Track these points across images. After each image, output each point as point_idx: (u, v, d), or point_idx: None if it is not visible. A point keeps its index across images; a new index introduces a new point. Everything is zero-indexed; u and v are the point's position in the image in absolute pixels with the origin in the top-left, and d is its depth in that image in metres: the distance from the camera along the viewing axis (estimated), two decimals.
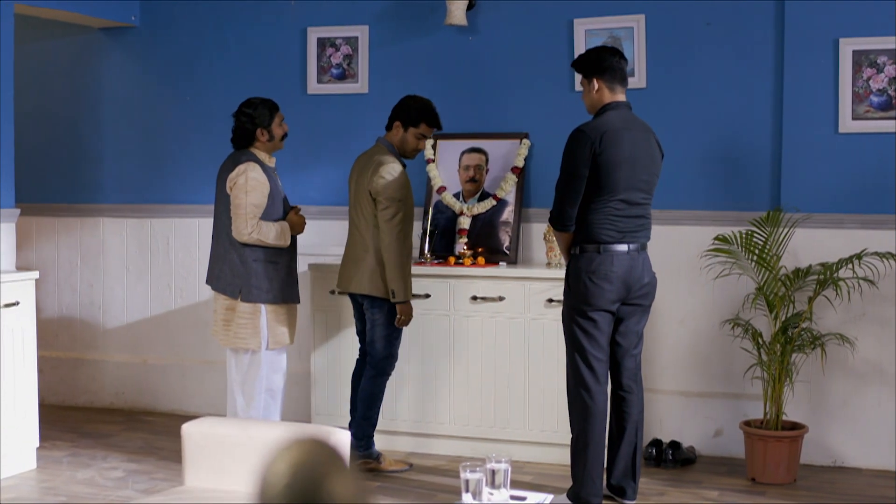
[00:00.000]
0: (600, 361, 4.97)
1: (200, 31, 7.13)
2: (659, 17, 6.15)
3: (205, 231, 7.09)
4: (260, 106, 5.60)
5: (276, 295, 5.54)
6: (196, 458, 3.67)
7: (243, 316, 5.53)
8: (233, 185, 5.47)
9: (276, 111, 5.64)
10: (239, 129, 5.60)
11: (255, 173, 5.46)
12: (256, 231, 5.43)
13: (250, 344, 5.53)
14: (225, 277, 5.58)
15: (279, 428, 3.72)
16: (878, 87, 5.76)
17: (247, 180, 5.43)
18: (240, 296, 5.50)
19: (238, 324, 5.53)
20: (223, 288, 5.59)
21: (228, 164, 5.59)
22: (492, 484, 2.96)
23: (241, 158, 5.54)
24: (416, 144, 5.65)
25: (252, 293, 5.50)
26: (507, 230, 6.35)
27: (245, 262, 5.50)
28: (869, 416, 5.86)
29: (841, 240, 5.82)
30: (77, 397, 7.45)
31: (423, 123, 5.61)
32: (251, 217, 5.42)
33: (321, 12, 6.85)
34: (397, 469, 5.75)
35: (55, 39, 7.45)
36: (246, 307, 5.51)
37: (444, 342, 6.04)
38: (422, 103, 5.64)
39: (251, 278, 5.50)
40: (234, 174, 5.47)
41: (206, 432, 3.68)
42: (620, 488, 5.15)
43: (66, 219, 7.46)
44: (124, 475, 5.71)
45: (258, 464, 1.70)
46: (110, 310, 7.39)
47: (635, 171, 4.92)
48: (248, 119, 5.56)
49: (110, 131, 7.38)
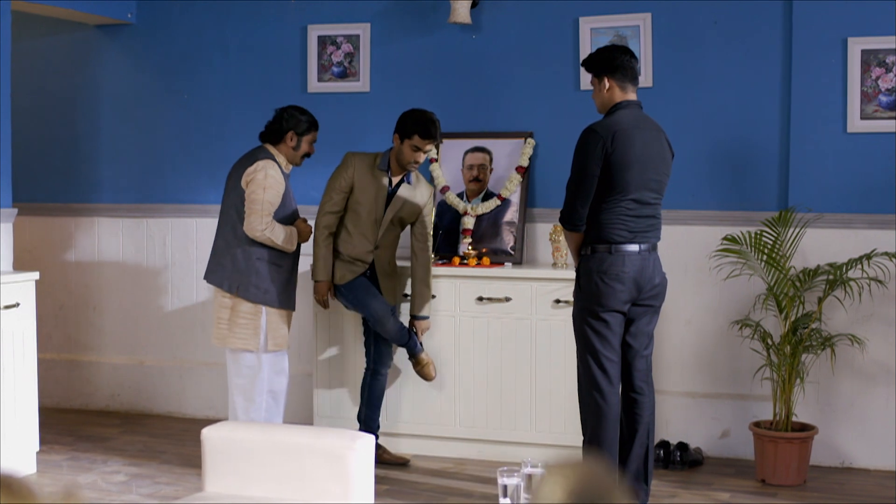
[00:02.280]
0: (612, 363, 4.92)
1: (199, 28, 7.04)
2: (665, 15, 6.11)
3: (202, 231, 7.02)
4: (307, 116, 5.62)
5: (275, 298, 5.50)
6: (216, 464, 3.60)
7: (244, 316, 5.47)
8: (250, 180, 5.41)
9: (315, 130, 5.66)
10: (275, 123, 5.58)
11: (274, 171, 5.45)
12: (269, 229, 5.39)
13: (249, 345, 5.48)
14: (224, 271, 5.51)
15: (303, 433, 3.65)
16: (886, 87, 5.73)
17: (265, 177, 5.40)
18: (237, 291, 5.44)
19: (238, 324, 5.47)
20: (219, 281, 5.52)
21: (245, 159, 5.54)
22: (528, 489, 2.91)
23: (259, 155, 5.51)
24: (412, 157, 5.67)
25: (250, 292, 5.45)
26: (512, 230, 6.30)
27: (249, 259, 5.45)
28: (877, 417, 5.84)
29: (849, 240, 5.80)
30: (72, 399, 7.34)
31: (416, 136, 5.63)
32: (266, 214, 5.38)
33: (322, 10, 6.77)
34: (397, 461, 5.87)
35: (50, 37, 7.34)
36: (248, 307, 5.45)
37: (449, 343, 5.98)
38: (417, 116, 5.67)
39: (251, 276, 5.45)
40: (253, 169, 5.42)
41: (227, 437, 3.61)
42: (633, 491, 5.10)
43: (60, 218, 7.36)
44: (127, 479, 5.62)
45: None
46: (106, 311, 7.29)
47: (647, 170, 4.88)
48: (291, 118, 5.54)
49: (106, 130, 7.28)
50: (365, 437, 3.53)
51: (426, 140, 5.63)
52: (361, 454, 3.49)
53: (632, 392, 5.08)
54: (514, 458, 5.92)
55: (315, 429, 3.79)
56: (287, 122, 5.55)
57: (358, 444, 3.50)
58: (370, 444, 3.54)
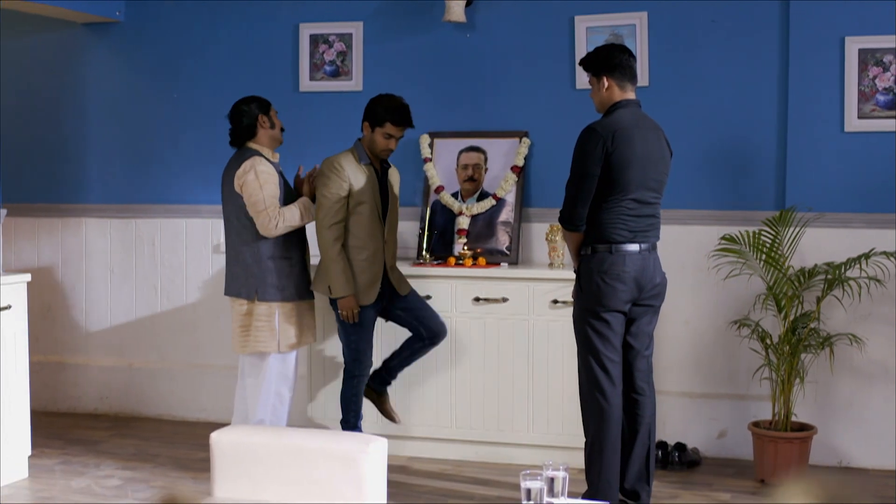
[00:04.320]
0: (614, 363, 4.89)
1: (188, 26, 6.96)
2: (662, 14, 6.09)
3: (192, 231, 6.95)
4: (255, 100, 5.57)
5: (293, 292, 5.46)
6: (226, 468, 3.54)
7: (261, 318, 5.43)
8: (242, 184, 5.35)
9: (270, 105, 5.61)
10: (238, 125, 5.52)
11: (263, 166, 5.40)
12: (282, 219, 5.36)
13: (269, 346, 5.44)
14: (239, 279, 5.48)
15: (315, 436, 3.60)
16: (884, 86, 5.73)
17: (257, 175, 5.35)
18: (256, 296, 5.40)
19: (256, 327, 5.44)
20: (238, 290, 5.47)
21: (233, 163, 5.49)
22: (550, 492, 2.87)
23: (245, 155, 5.45)
24: (385, 144, 5.54)
25: (269, 292, 5.41)
26: (507, 230, 6.26)
27: (260, 261, 5.42)
28: (875, 416, 5.83)
29: (847, 239, 5.79)
30: (59, 402, 7.25)
31: (388, 123, 5.49)
32: (272, 208, 5.34)
33: (314, 8, 6.71)
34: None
35: (36, 35, 7.23)
36: (263, 308, 5.41)
37: (446, 343, 5.92)
38: (387, 102, 5.53)
39: (267, 277, 5.41)
40: (241, 172, 5.37)
41: (237, 441, 3.55)
42: (634, 492, 5.06)
43: (47, 219, 7.26)
44: (121, 483, 5.55)
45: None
46: (94, 312, 7.20)
47: (647, 170, 4.85)
48: (247, 110, 5.48)
49: (94, 129, 7.18)
50: (378, 441, 3.48)
51: (399, 126, 5.51)
52: (375, 458, 3.44)
53: (633, 392, 5.05)
54: (511, 460, 5.89)
55: (327, 432, 3.74)
56: (248, 114, 5.49)
57: (371, 447, 3.45)
58: (383, 448, 3.50)
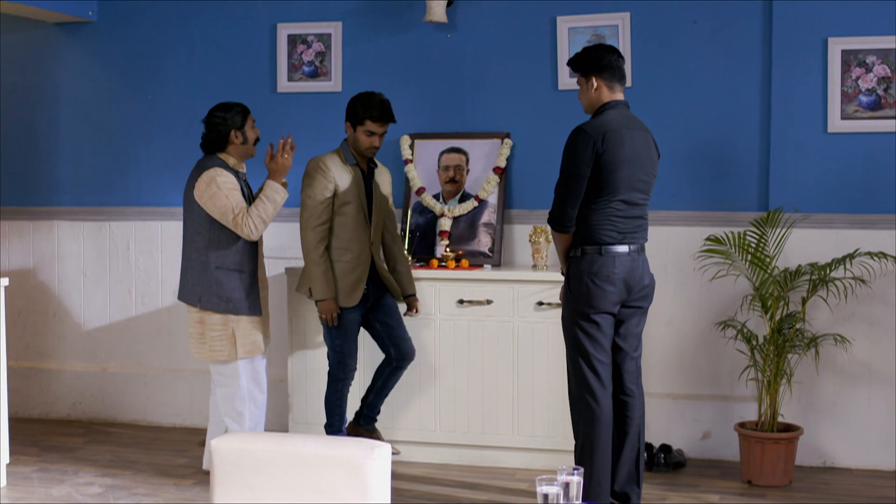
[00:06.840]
0: (604, 365, 4.86)
1: (163, 26, 6.85)
2: (644, 14, 6.07)
3: (167, 234, 6.84)
4: (235, 106, 5.47)
5: (237, 306, 5.37)
6: (225, 476, 3.46)
7: (214, 328, 5.37)
8: (205, 197, 5.29)
9: (249, 114, 5.52)
10: (211, 133, 5.44)
11: (224, 177, 5.31)
12: (256, 217, 5.28)
13: (226, 356, 5.37)
14: (188, 286, 5.43)
15: (317, 443, 3.53)
16: (866, 87, 5.75)
17: (219, 186, 5.28)
18: (199, 304, 5.34)
19: (212, 336, 5.37)
20: (187, 297, 5.43)
21: (196, 170, 5.41)
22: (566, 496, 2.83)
23: (207, 164, 5.38)
24: (368, 142, 5.50)
25: (213, 302, 5.33)
26: (490, 232, 6.22)
27: (207, 269, 5.35)
28: (859, 416, 5.85)
29: (830, 240, 5.80)
30: (31, 408, 7.11)
31: (368, 120, 5.46)
32: (241, 216, 5.27)
33: (292, 8, 6.63)
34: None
35: (7, 34, 7.09)
36: (216, 318, 5.36)
37: (429, 346, 5.88)
38: (366, 100, 5.49)
39: (212, 287, 5.34)
40: (203, 184, 5.30)
41: (237, 448, 3.47)
42: (625, 495, 5.03)
43: (18, 222, 7.12)
44: (102, 490, 5.44)
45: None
46: (66, 317, 7.07)
47: (636, 171, 4.83)
48: (222, 121, 5.39)
49: (66, 130, 7.05)
50: (382, 447, 3.42)
51: (379, 122, 5.48)
52: (379, 464, 3.38)
53: (622, 394, 5.02)
54: (496, 463, 5.85)
55: (329, 438, 3.67)
56: (223, 125, 5.40)
57: (376, 453, 3.39)
58: (387, 454, 3.44)
